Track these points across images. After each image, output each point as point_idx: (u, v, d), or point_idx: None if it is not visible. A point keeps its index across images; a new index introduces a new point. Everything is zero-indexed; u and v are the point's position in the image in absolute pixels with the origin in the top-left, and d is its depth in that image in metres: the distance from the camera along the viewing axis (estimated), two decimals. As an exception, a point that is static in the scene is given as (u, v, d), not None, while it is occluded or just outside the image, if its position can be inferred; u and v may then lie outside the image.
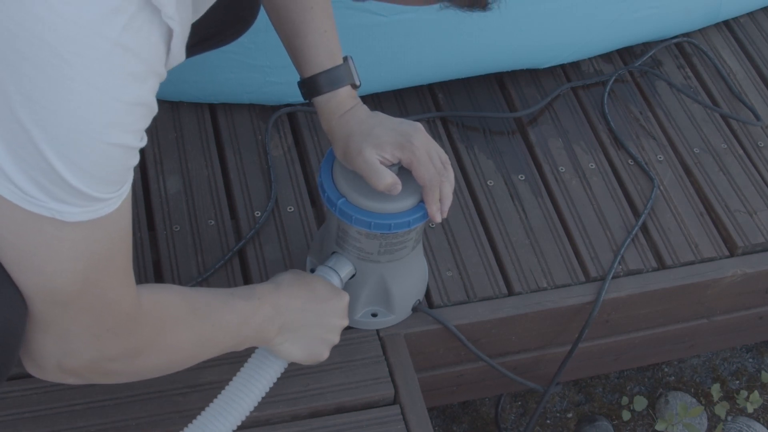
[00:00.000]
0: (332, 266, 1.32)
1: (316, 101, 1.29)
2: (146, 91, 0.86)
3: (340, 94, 1.27)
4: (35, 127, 0.79)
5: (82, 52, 0.78)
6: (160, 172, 1.60)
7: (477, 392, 1.68)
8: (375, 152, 1.22)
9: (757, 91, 1.85)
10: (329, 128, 1.29)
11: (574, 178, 1.67)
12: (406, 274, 1.38)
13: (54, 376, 0.99)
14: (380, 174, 1.22)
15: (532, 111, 1.76)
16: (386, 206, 1.25)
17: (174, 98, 1.69)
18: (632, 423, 1.85)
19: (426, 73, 1.74)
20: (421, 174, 1.23)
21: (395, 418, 1.35)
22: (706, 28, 1.95)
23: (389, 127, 1.25)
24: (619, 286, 1.54)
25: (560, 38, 1.78)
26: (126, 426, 1.30)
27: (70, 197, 0.83)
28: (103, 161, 0.84)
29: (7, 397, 1.31)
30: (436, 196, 1.24)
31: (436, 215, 1.25)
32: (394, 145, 1.23)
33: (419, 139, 1.24)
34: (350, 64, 1.29)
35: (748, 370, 1.96)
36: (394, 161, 1.23)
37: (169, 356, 1.10)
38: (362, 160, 1.22)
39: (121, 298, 0.96)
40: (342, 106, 1.27)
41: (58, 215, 0.84)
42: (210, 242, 1.51)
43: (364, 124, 1.25)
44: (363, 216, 1.25)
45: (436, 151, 1.25)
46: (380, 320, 1.42)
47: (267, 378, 1.24)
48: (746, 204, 1.66)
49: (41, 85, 0.78)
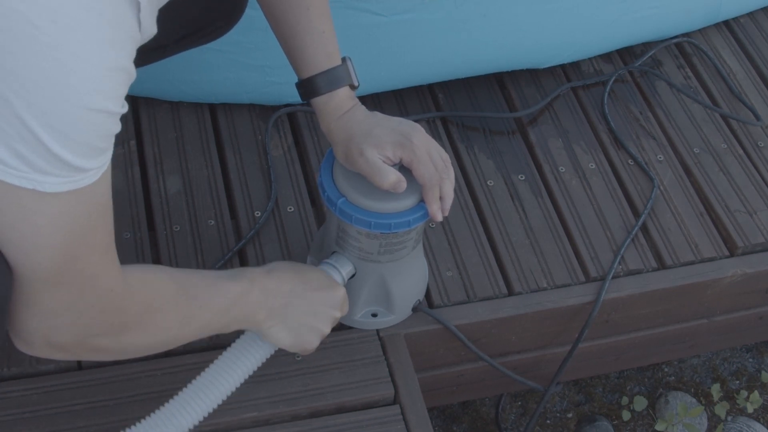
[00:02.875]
0: (333, 263, 1.32)
1: (314, 102, 1.29)
2: (124, 57, 0.85)
3: (338, 95, 1.27)
4: (16, 98, 0.79)
5: (57, 19, 0.78)
6: (160, 172, 1.60)
7: (477, 392, 1.68)
8: (376, 152, 1.22)
9: (757, 91, 1.85)
10: (328, 130, 1.28)
11: (574, 178, 1.67)
12: (406, 274, 1.38)
13: (42, 351, 0.99)
14: (384, 172, 1.22)
15: (532, 111, 1.76)
16: (386, 206, 1.25)
17: (174, 98, 1.69)
18: (632, 423, 1.85)
19: (426, 73, 1.74)
20: (422, 173, 1.23)
21: (395, 418, 1.35)
22: (706, 28, 1.95)
23: (389, 126, 1.25)
24: (619, 286, 1.54)
25: (560, 38, 1.78)
26: (126, 426, 1.30)
27: (52, 167, 0.83)
28: (86, 128, 0.84)
29: (7, 397, 1.31)
30: (437, 194, 1.24)
31: (437, 214, 1.25)
32: (395, 144, 1.23)
33: (419, 139, 1.24)
34: (349, 64, 1.29)
35: (748, 370, 1.96)
36: (395, 160, 1.24)
37: (156, 335, 1.10)
38: (364, 160, 1.22)
39: (102, 274, 0.96)
40: (341, 107, 1.27)
41: (39, 186, 0.83)
42: (210, 242, 1.51)
43: (363, 124, 1.25)
44: (363, 216, 1.25)
45: (437, 150, 1.26)
46: (380, 320, 1.42)
47: (252, 360, 1.24)
48: (746, 204, 1.66)
49: (19, 55, 0.78)
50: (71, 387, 1.33)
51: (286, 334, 1.25)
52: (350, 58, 1.29)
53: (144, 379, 1.34)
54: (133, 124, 1.67)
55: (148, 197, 1.57)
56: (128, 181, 1.57)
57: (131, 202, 1.55)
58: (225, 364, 1.23)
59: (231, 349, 1.24)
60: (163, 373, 1.35)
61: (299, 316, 1.25)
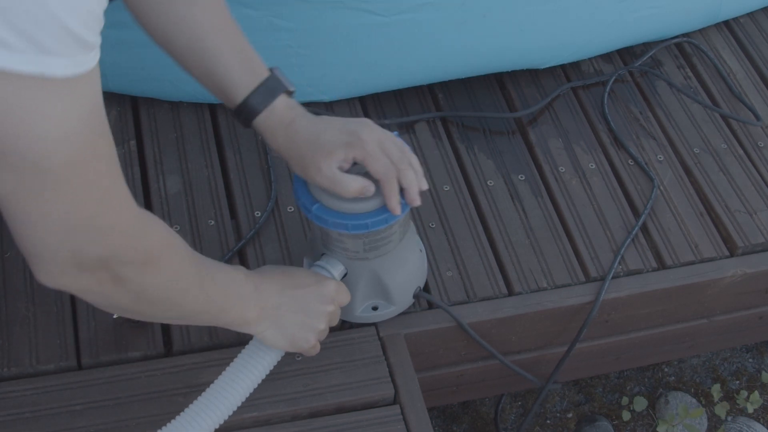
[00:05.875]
0: (323, 265, 1.32)
1: (256, 124, 1.25)
2: None
3: (276, 108, 1.23)
4: None
5: None
6: (160, 172, 1.60)
7: (477, 392, 1.68)
8: (330, 162, 1.20)
9: (757, 91, 1.85)
10: (278, 148, 1.25)
11: (574, 178, 1.67)
12: (399, 266, 1.37)
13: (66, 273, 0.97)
14: (345, 183, 1.20)
15: (532, 111, 1.76)
16: (361, 206, 1.23)
17: (174, 98, 1.69)
18: (632, 423, 1.85)
19: (426, 73, 1.74)
20: (375, 168, 1.21)
21: (395, 418, 1.35)
22: (706, 28, 1.95)
23: (335, 128, 1.22)
24: (619, 286, 1.54)
25: (560, 38, 1.78)
26: (126, 426, 1.30)
27: (58, 43, 0.82)
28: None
29: (7, 397, 1.31)
30: (395, 187, 1.22)
31: (395, 208, 1.22)
32: (343, 146, 1.20)
33: (367, 133, 1.21)
34: (277, 73, 1.25)
35: (748, 370, 1.96)
36: (349, 162, 1.21)
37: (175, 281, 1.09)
38: (322, 176, 1.20)
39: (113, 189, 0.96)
40: (282, 122, 1.23)
41: (46, 69, 0.82)
42: (210, 242, 1.52)
43: (309, 135, 1.22)
44: (339, 219, 1.23)
45: (390, 141, 1.23)
46: (382, 312, 1.41)
47: (260, 368, 1.25)
48: (746, 204, 1.66)
49: None
50: (71, 387, 1.33)
51: (280, 335, 1.25)
52: (277, 67, 1.26)
53: (144, 379, 1.35)
54: (133, 124, 1.67)
55: (148, 197, 1.57)
56: (128, 181, 1.57)
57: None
58: (234, 374, 1.24)
59: (240, 357, 1.25)
60: (163, 373, 1.35)
61: (290, 316, 1.25)
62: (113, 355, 1.38)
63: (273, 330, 1.25)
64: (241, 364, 1.25)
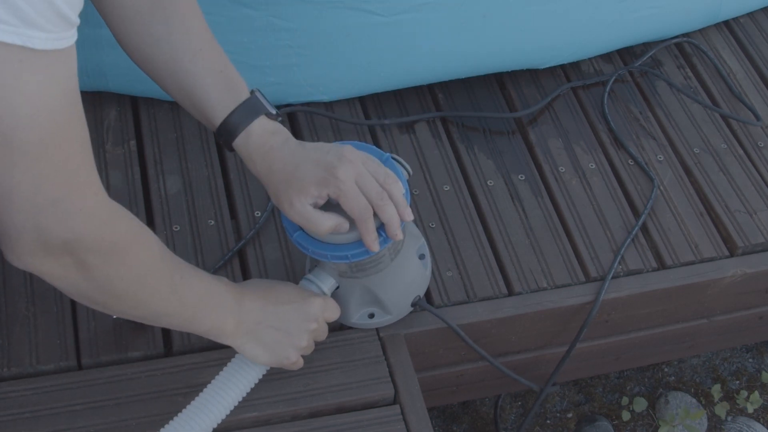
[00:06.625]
0: (313, 279, 1.31)
1: (235, 146, 1.23)
2: None
3: (254, 131, 1.21)
4: None
5: None
6: (160, 172, 1.60)
7: (477, 392, 1.68)
8: (303, 199, 1.18)
9: (757, 91, 1.85)
10: (256, 174, 1.23)
11: (574, 178, 1.67)
12: (393, 281, 1.35)
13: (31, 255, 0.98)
14: (317, 221, 1.18)
15: (532, 111, 1.76)
16: (342, 237, 1.21)
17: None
18: (632, 423, 1.85)
19: (426, 73, 1.74)
20: (348, 207, 1.18)
21: (395, 418, 1.35)
22: (706, 28, 1.95)
23: (313, 161, 1.19)
24: (619, 286, 1.54)
25: (560, 38, 1.78)
26: (126, 426, 1.30)
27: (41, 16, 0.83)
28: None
29: (7, 397, 1.31)
30: (369, 226, 1.19)
31: (372, 245, 1.19)
32: (317, 184, 1.18)
33: (344, 170, 1.17)
34: (258, 95, 1.23)
35: (748, 370, 1.96)
36: (323, 200, 1.19)
37: (143, 276, 1.09)
38: (294, 212, 1.18)
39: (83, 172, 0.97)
40: (261, 146, 1.21)
41: (29, 41, 0.83)
42: (210, 242, 1.52)
43: (286, 166, 1.19)
44: (320, 249, 1.22)
45: (369, 176, 1.19)
46: (379, 320, 1.41)
47: (244, 382, 1.26)
48: (746, 204, 1.66)
49: None
50: (71, 387, 1.33)
51: (261, 351, 1.25)
52: (258, 89, 1.24)
53: (144, 379, 1.35)
54: (133, 124, 1.67)
55: (148, 197, 1.57)
56: (128, 181, 1.58)
57: (131, 202, 1.55)
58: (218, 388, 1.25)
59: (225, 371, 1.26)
60: (163, 373, 1.35)
61: (271, 332, 1.25)
62: (113, 355, 1.38)
63: (253, 344, 1.24)
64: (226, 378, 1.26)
